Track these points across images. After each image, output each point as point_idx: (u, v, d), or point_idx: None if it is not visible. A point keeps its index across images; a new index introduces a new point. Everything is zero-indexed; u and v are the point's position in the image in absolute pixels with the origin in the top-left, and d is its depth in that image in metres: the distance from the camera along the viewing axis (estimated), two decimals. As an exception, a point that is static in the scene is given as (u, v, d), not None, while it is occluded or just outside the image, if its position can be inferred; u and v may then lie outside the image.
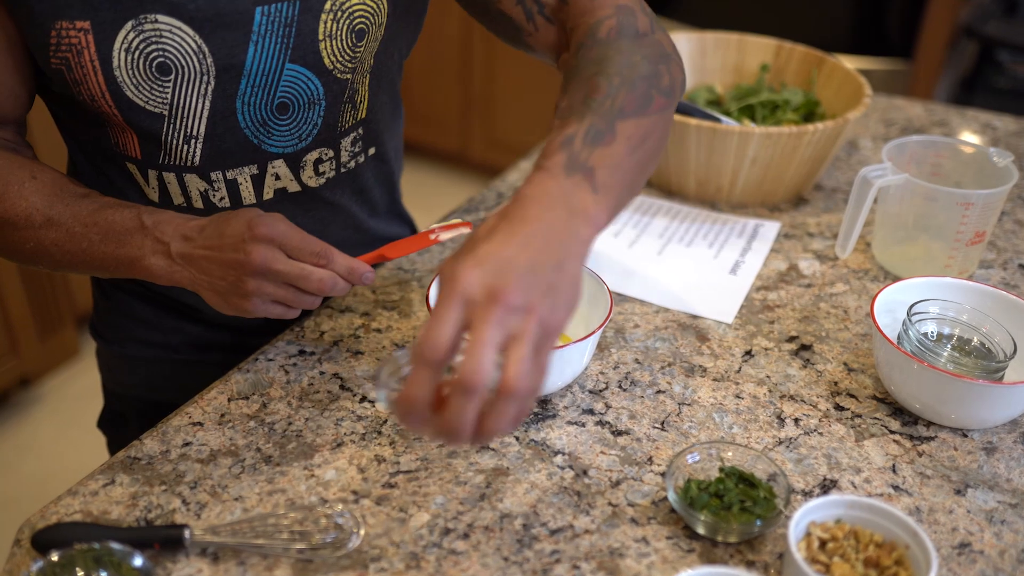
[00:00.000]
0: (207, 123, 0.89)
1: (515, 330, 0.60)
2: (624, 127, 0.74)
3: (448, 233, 0.89)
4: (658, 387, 0.91)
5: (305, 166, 0.96)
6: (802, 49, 1.34)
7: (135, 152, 0.91)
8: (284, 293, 0.81)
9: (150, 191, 0.94)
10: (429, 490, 0.79)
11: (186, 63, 0.84)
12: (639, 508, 0.78)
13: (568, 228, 0.66)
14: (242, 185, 0.94)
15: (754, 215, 1.21)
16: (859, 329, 1.00)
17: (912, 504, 0.79)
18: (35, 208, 0.85)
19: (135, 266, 0.84)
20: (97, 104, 0.85)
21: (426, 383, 0.60)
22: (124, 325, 1.08)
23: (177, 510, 0.77)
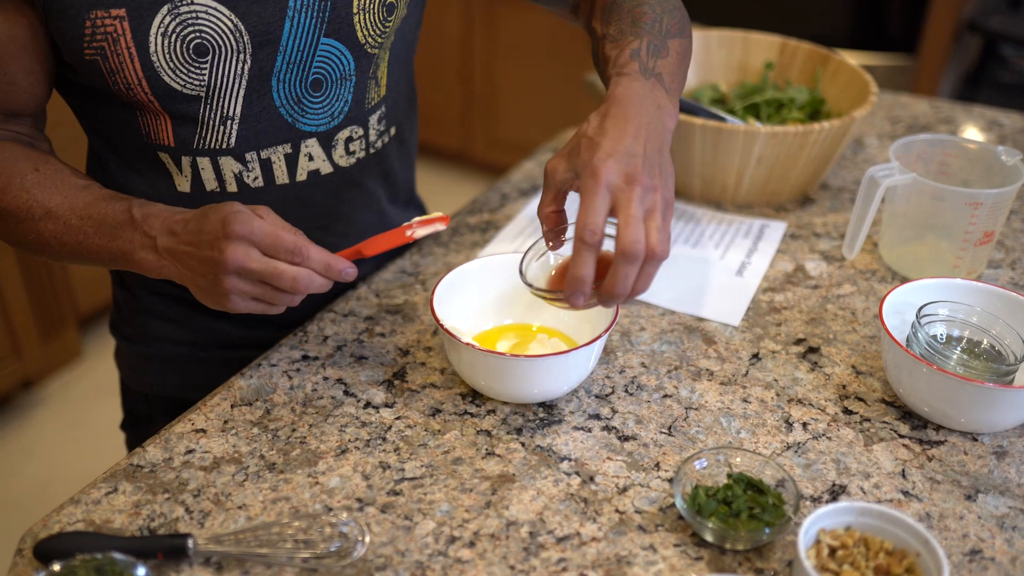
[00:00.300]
0: (243, 102, 0.90)
1: (649, 205, 0.73)
2: (673, 44, 0.89)
3: (424, 229, 0.86)
4: (664, 391, 0.90)
5: (336, 145, 0.97)
6: (807, 47, 1.33)
7: (168, 139, 0.91)
8: (260, 291, 0.80)
9: (182, 180, 0.94)
10: (434, 497, 0.78)
11: (223, 43, 0.85)
12: (646, 515, 0.77)
13: (660, 120, 0.79)
14: (276, 165, 0.94)
15: (760, 215, 1.20)
16: (867, 331, 0.99)
17: (922, 510, 0.78)
18: (36, 200, 0.86)
19: (127, 260, 0.84)
20: (133, 92, 0.86)
21: (590, 262, 0.73)
22: (150, 324, 1.08)
23: (180, 519, 0.76)
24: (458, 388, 0.90)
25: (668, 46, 0.87)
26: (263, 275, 0.78)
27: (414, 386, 0.90)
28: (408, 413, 0.87)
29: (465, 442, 0.84)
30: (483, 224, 1.17)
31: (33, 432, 2.25)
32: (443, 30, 3.05)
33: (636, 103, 0.78)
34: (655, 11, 0.90)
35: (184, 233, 0.81)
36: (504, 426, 0.86)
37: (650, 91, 0.80)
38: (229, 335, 1.07)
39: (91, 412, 2.29)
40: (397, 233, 0.86)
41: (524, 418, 0.87)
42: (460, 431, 0.85)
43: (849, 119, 1.14)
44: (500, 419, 0.86)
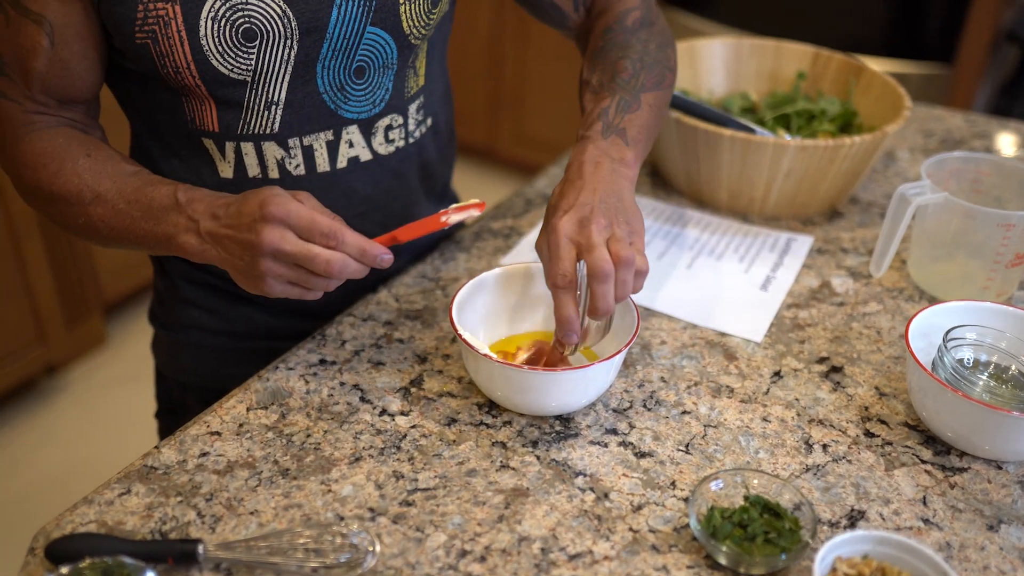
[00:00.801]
0: (287, 88, 0.91)
1: (608, 234, 0.82)
2: (646, 97, 0.96)
3: (458, 215, 0.86)
4: (683, 407, 0.89)
5: (376, 132, 0.98)
6: (840, 57, 1.31)
7: (213, 125, 0.92)
8: (296, 275, 0.80)
9: (225, 166, 0.95)
10: (447, 509, 0.78)
11: (271, 28, 0.87)
12: (660, 535, 0.76)
13: (615, 172, 0.88)
14: (317, 152, 0.95)
15: (787, 228, 1.18)
16: (892, 351, 0.97)
17: (942, 539, 0.77)
18: (86, 185, 0.87)
19: (171, 243, 0.84)
20: (181, 76, 0.87)
21: (568, 303, 0.82)
22: (188, 313, 1.08)
23: (192, 523, 0.76)
24: (475, 397, 0.89)
25: (640, 100, 0.95)
26: (297, 258, 0.79)
27: (431, 394, 0.90)
28: (423, 422, 0.86)
29: (480, 453, 0.83)
30: (506, 230, 1.17)
31: (56, 417, 2.27)
32: (473, 25, 3.04)
33: (591, 165, 0.88)
34: (635, 66, 0.98)
35: (225, 216, 0.81)
36: (520, 438, 0.85)
37: (606, 150, 0.90)
38: (265, 325, 1.07)
39: (114, 398, 2.31)
40: (432, 219, 0.86)
41: (540, 430, 0.86)
42: (475, 442, 0.84)
43: (881, 134, 1.12)
44: (516, 431, 0.86)
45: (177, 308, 1.09)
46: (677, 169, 1.22)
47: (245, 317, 1.06)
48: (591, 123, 0.93)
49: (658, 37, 1.03)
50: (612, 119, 0.93)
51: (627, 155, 0.90)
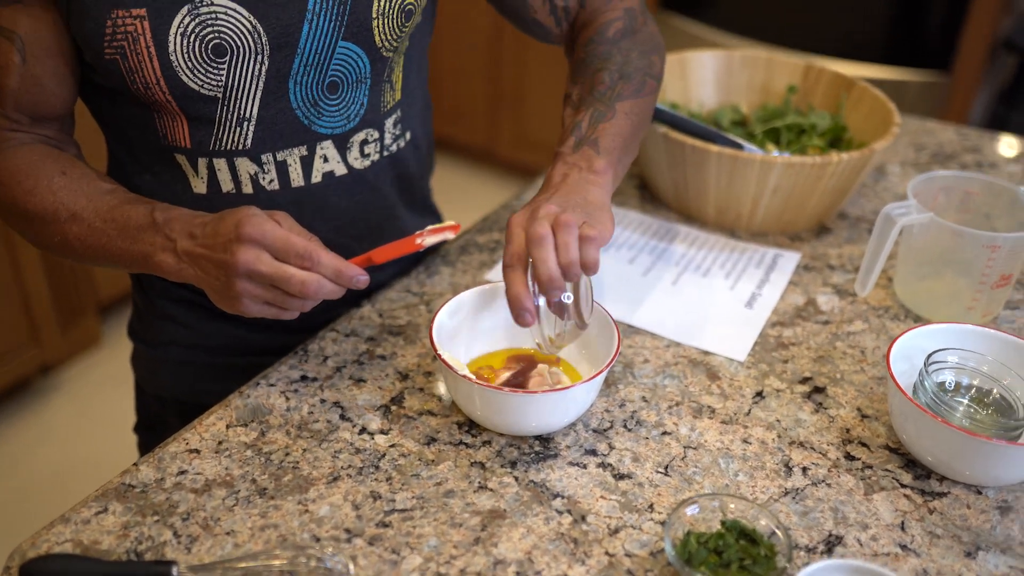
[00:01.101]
0: (259, 104, 0.91)
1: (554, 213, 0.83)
2: (622, 106, 0.97)
3: (433, 238, 0.88)
4: (664, 428, 0.89)
5: (352, 147, 0.98)
6: (831, 71, 1.31)
7: (185, 141, 0.92)
8: (271, 295, 0.81)
9: (198, 182, 0.95)
10: (423, 531, 0.78)
11: (241, 44, 0.86)
12: (636, 559, 0.76)
13: (583, 180, 0.89)
14: (291, 167, 0.95)
15: (774, 244, 1.18)
16: (875, 372, 0.97)
17: (919, 566, 0.77)
18: (61, 203, 0.87)
19: (148, 262, 0.85)
20: (151, 92, 0.87)
21: (516, 281, 0.82)
22: (165, 329, 1.08)
23: (168, 543, 0.76)
24: (455, 416, 0.89)
25: (615, 109, 0.96)
26: (272, 278, 0.79)
27: (411, 412, 0.90)
28: (403, 441, 0.86)
29: (458, 474, 0.83)
30: (492, 243, 1.16)
31: (51, 416, 2.27)
32: (472, 25, 3.04)
33: (559, 177, 0.90)
34: (612, 77, 0.98)
35: (202, 236, 0.82)
36: (499, 458, 0.85)
37: (575, 162, 0.91)
38: (244, 340, 1.07)
39: (109, 398, 2.31)
40: (407, 241, 0.87)
41: (520, 451, 0.86)
42: (454, 462, 0.84)
43: (869, 151, 1.12)
44: (495, 451, 0.86)
45: (156, 324, 1.09)
46: (665, 184, 1.21)
47: (224, 333, 1.06)
48: (565, 139, 0.94)
49: (641, 45, 1.03)
50: (584, 132, 0.94)
51: (597, 164, 0.91)
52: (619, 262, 1.13)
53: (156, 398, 1.15)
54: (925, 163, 1.39)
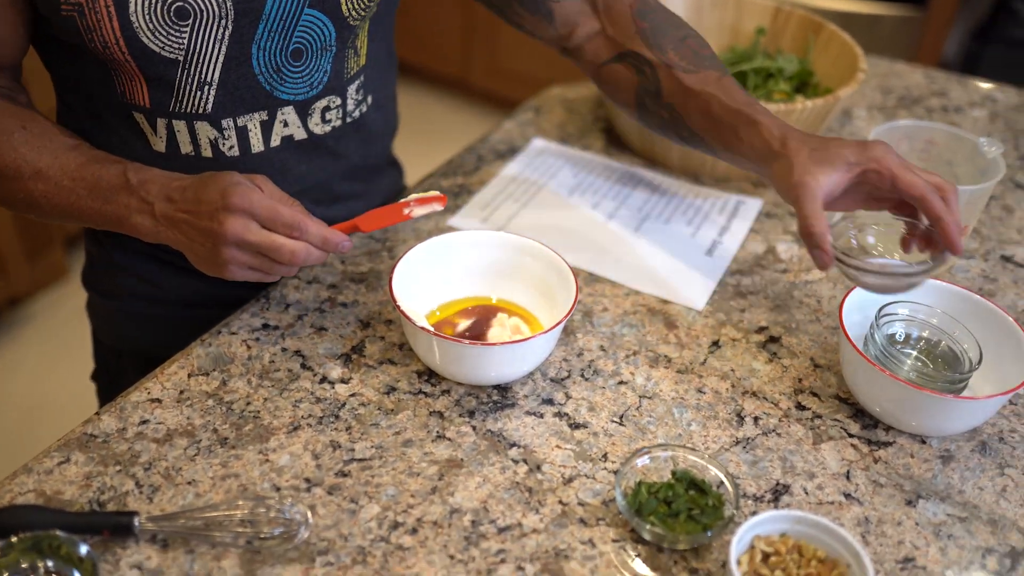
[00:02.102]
0: (221, 69, 0.89)
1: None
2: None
3: (421, 209, 0.88)
4: (620, 377, 0.91)
5: (313, 113, 0.97)
6: (800, 13, 1.30)
7: (144, 101, 0.90)
8: (258, 262, 0.82)
9: (157, 140, 0.94)
10: (382, 480, 0.79)
11: (205, 7, 0.84)
12: (589, 508, 0.78)
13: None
14: (251, 132, 0.94)
15: (737, 190, 1.18)
16: (830, 322, 0.99)
17: (861, 514, 0.79)
18: (24, 159, 0.85)
19: (122, 223, 0.84)
20: (110, 51, 0.85)
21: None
22: (123, 280, 1.08)
23: (130, 492, 0.77)
24: (415, 365, 0.90)
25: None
26: (261, 247, 0.80)
27: (371, 361, 0.91)
28: (363, 390, 0.88)
29: (417, 423, 0.85)
30: (456, 188, 1.16)
31: (19, 349, 2.27)
32: (445, -47, 2.97)
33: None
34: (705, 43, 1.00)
35: (182, 201, 0.81)
36: (457, 407, 0.86)
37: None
38: (203, 293, 1.06)
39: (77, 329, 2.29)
40: (395, 210, 0.88)
41: (478, 400, 0.87)
42: (413, 411, 0.86)
43: (833, 99, 1.12)
44: (454, 400, 0.87)
45: (112, 275, 1.08)
46: (631, 128, 1.21)
47: (184, 285, 1.06)
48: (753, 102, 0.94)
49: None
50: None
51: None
52: (583, 207, 1.13)
53: (113, 350, 1.14)
54: (892, 107, 1.39)
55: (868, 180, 0.85)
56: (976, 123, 1.36)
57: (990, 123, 1.36)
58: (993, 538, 0.78)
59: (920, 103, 1.41)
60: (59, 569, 0.68)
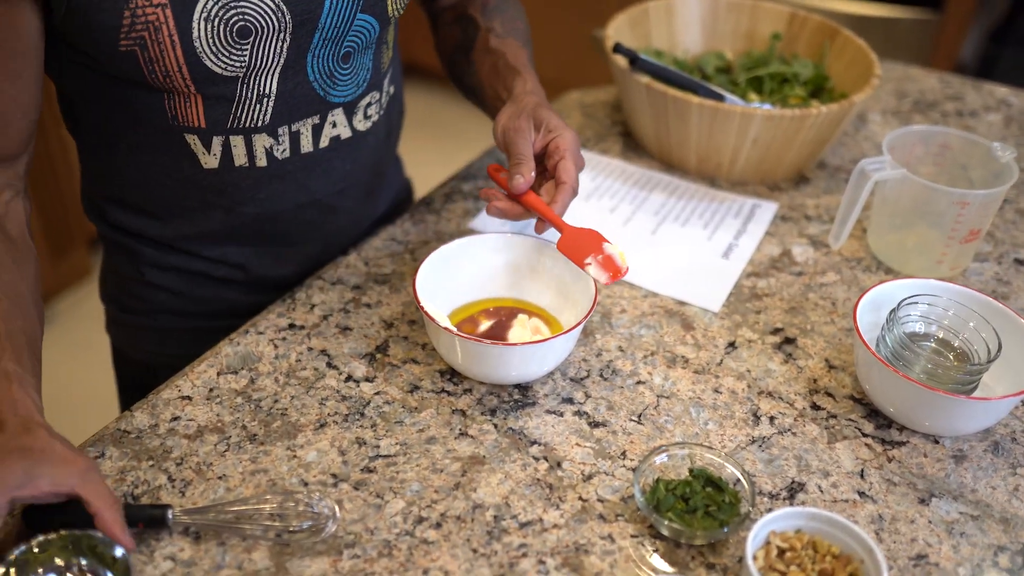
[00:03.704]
0: (279, 80, 0.91)
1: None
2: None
3: (595, 270, 0.90)
4: (639, 377, 0.93)
5: (358, 111, 1.00)
6: (816, 19, 1.32)
7: (199, 121, 0.91)
8: None
9: (209, 159, 0.95)
10: (406, 476, 0.82)
11: (266, 23, 0.86)
12: (608, 504, 0.80)
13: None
14: (303, 136, 0.97)
15: (753, 193, 1.20)
16: (845, 323, 1.01)
17: (875, 512, 0.81)
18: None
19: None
20: (171, 79, 0.86)
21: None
22: (156, 297, 1.07)
23: (163, 487, 0.80)
24: (437, 364, 0.93)
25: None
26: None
27: (395, 360, 0.93)
28: (387, 388, 0.90)
29: (440, 421, 0.87)
30: (476, 191, 1.18)
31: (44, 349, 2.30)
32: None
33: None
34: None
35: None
36: (479, 406, 0.88)
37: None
38: (238, 303, 1.07)
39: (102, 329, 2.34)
40: (589, 247, 0.91)
41: (499, 399, 0.89)
42: (436, 409, 0.88)
43: (848, 104, 1.14)
44: (476, 399, 0.89)
45: (144, 292, 1.07)
46: (648, 133, 1.23)
47: (218, 298, 1.07)
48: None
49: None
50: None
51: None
52: (600, 211, 1.15)
53: (143, 365, 1.14)
54: (906, 112, 1.40)
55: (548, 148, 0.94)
56: (991, 127, 1.38)
57: (1005, 127, 1.38)
58: (1005, 536, 0.80)
59: (935, 107, 1.42)
60: (93, 568, 0.70)
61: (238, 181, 0.91)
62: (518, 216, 0.93)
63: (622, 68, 1.19)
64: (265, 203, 0.99)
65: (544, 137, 0.94)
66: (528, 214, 0.93)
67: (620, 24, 1.28)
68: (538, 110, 0.95)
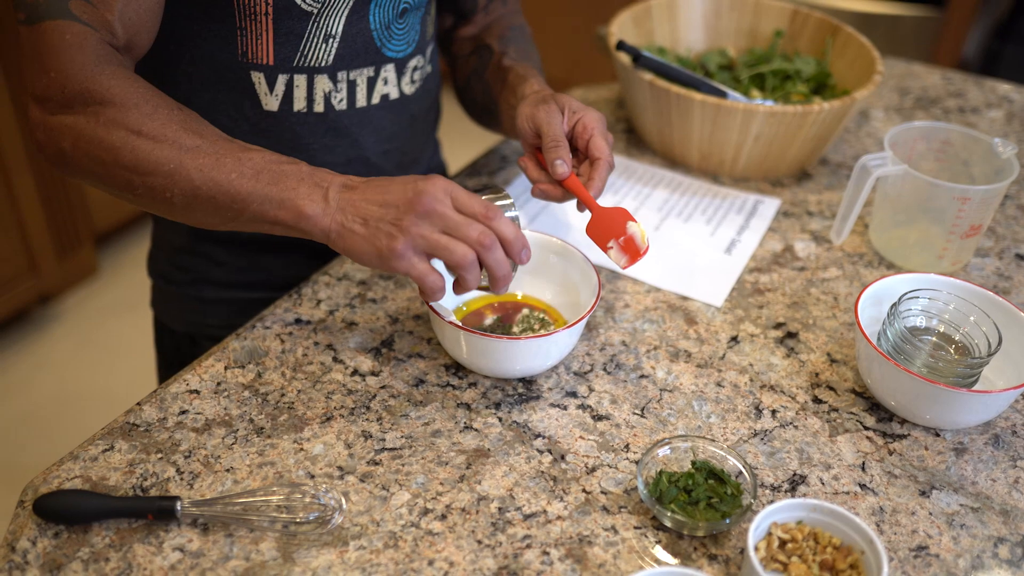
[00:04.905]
0: (345, 22, 0.95)
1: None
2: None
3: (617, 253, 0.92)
4: (642, 371, 0.94)
5: (406, 72, 1.04)
6: (818, 16, 1.32)
7: (268, 58, 0.95)
8: (439, 239, 0.78)
9: (271, 100, 0.98)
10: (411, 469, 0.82)
11: None
12: (611, 496, 0.81)
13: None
14: (359, 87, 1.00)
15: (756, 189, 1.21)
16: (847, 318, 1.01)
17: (876, 504, 0.82)
18: (186, 129, 0.81)
19: (282, 206, 0.79)
20: (255, 3, 0.90)
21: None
22: (198, 267, 1.11)
23: (171, 479, 0.81)
24: (442, 359, 0.93)
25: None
26: (451, 222, 0.78)
27: (401, 355, 0.94)
28: (393, 382, 0.91)
29: (445, 415, 0.88)
30: (481, 187, 1.19)
31: (50, 346, 2.32)
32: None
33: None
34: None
35: (365, 185, 0.80)
36: (484, 400, 0.89)
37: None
38: (277, 274, 1.11)
39: (107, 327, 2.36)
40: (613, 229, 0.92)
41: (504, 392, 0.90)
42: (441, 403, 0.89)
43: (850, 100, 1.14)
44: (480, 392, 0.90)
45: (188, 261, 1.11)
46: (651, 129, 1.24)
47: (264, 268, 1.10)
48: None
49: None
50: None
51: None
52: (604, 207, 1.16)
53: (187, 336, 1.16)
54: (908, 108, 1.41)
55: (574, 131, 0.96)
56: (993, 124, 1.38)
57: (1006, 123, 1.38)
58: (1005, 528, 0.80)
59: (937, 104, 1.42)
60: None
61: (295, 126, 0.95)
62: (559, 198, 0.95)
63: (625, 65, 1.20)
64: (318, 154, 1.02)
65: (570, 119, 0.95)
66: (568, 196, 0.95)
67: (623, 22, 1.29)
68: (558, 96, 0.97)
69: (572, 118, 0.95)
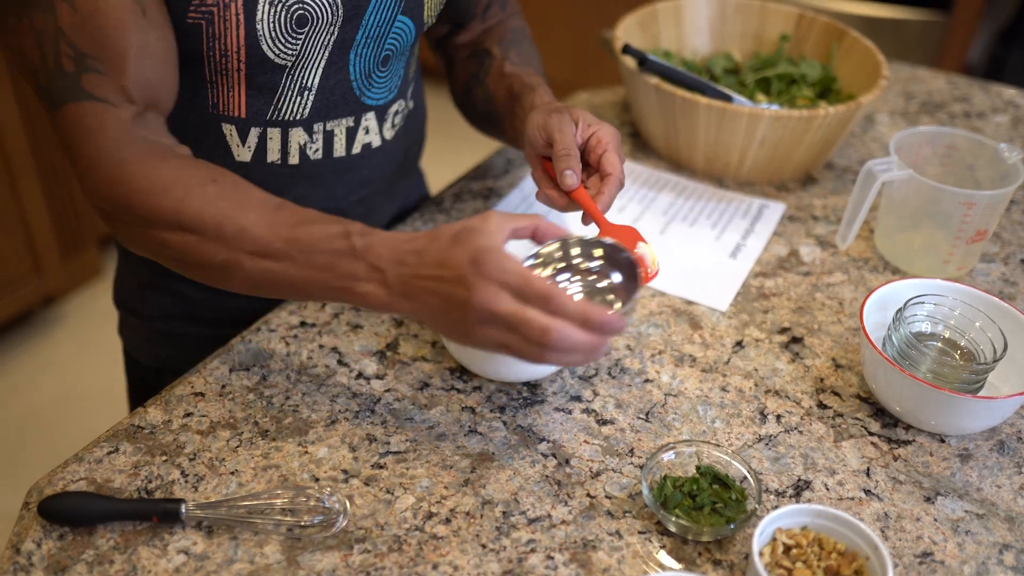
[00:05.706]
0: (321, 74, 0.93)
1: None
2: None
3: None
4: (646, 376, 0.93)
5: (387, 118, 1.02)
6: (824, 20, 1.32)
7: (239, 111, 0.92)
8: (507, 337, 0.71)
9: (243, 151, 0.95)
10: (416, 472, 0.82)
11: (321, 14, 0.88)
12: (616, 501, 0.81)
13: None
14: (337, 137, 0.98)
15: (761, 193, 1.21)
16: (852, 323, 1.01)
17: (881, 510, 0.82)
18: (225, 215, 0.77)
19: (345, 293, 0.76)
20: (227, 59, 0.87)
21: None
22: (163, 303, 1.08)
23: (176, 481, 0.81)
24: (447, 362, 0.93)
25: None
26: (511, 320, 0.70)
27: (405, 358, 0.94)
28: (398, 386, 0.91)
29: (450, 418, 0.88)
30: (485, 191, 1.19)
31: (53, 347, 2.32)
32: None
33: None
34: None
35: (420, 265, 0.74)
36: (488, 404, 0.89)
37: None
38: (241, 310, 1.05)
39: (110, 328, 2.34)
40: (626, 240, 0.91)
41: (508, 396, 0.90)
42: (446, 407, 0.89)
43: (855, 105, 1.14)
44: (485, 396, 0.90)
45: (153, 297, 1.08)
46: (656, 133, 1.24)
47: (226, 306, 1.05)
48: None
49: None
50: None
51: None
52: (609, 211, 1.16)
53: (152, 369, 1.15)
54: (914, 113, 1.41)
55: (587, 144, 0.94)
56: (998, 128, 1.38)
57: (1012, 128, 1.38)
58: (1010, 534, 0.80)
59: (942, 108, 1.42)
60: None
61: (267, 178, 0.91)
62: (564, 207, 0.93)
63: (631, 69, 1.20)
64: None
65: (584, 131, 0.93)
66: (572, 206, 0.93)
67: (629, 25, 1.29)
68: (571, 108, 0.95)
69: (587, 131, 0.93)
